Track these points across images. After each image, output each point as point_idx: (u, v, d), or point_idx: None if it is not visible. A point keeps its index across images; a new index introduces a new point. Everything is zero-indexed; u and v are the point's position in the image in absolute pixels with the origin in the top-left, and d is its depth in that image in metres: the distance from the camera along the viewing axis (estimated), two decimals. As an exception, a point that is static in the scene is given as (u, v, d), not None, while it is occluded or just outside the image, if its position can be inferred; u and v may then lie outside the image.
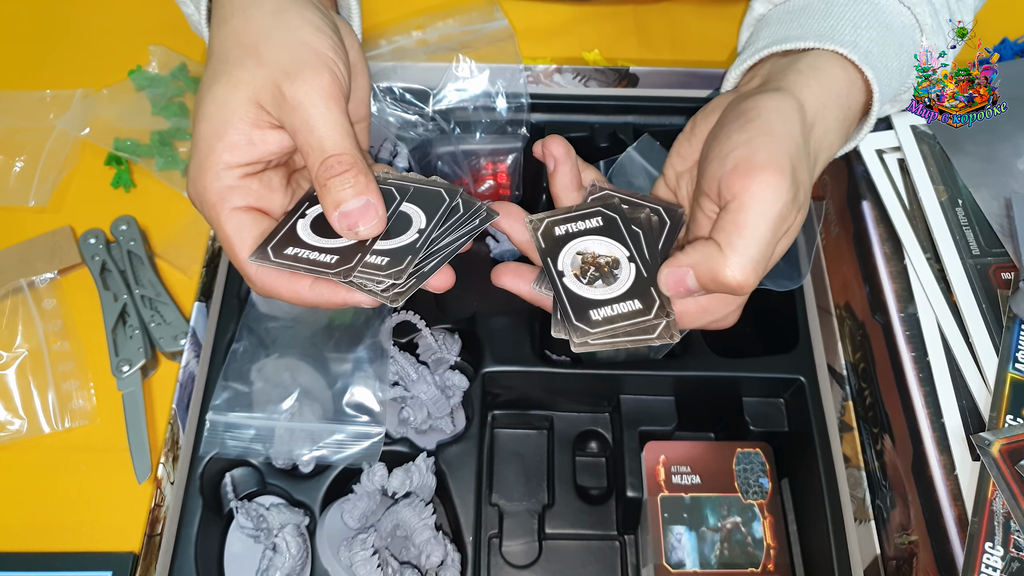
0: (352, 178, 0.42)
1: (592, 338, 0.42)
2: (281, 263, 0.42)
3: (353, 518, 0.55)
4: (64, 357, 0.63)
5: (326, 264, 0.42)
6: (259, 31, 0.45)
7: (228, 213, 0.44)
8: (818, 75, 0.47)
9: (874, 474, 0.56)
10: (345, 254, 0.43)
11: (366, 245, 0.43)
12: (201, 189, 0.44)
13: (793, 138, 0.43)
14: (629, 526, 0.60)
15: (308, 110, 0.43)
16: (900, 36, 0.50)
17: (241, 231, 0.44)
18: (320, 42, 0.45)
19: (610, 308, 0.43)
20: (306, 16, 0.46)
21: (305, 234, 0.44)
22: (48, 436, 0.60)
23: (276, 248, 0.43)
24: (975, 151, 0.59)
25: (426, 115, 0.66)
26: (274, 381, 0.57)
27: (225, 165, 0.44)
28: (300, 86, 0.43)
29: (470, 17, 0.73)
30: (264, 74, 0.43)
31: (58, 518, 0.57)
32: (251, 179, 0.45)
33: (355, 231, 0.43)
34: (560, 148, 0.49)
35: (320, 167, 0.43)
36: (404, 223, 0.45)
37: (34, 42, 0.79)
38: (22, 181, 0.70)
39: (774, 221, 0.41)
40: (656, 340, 0.43)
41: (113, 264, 0.65)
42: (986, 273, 0.54)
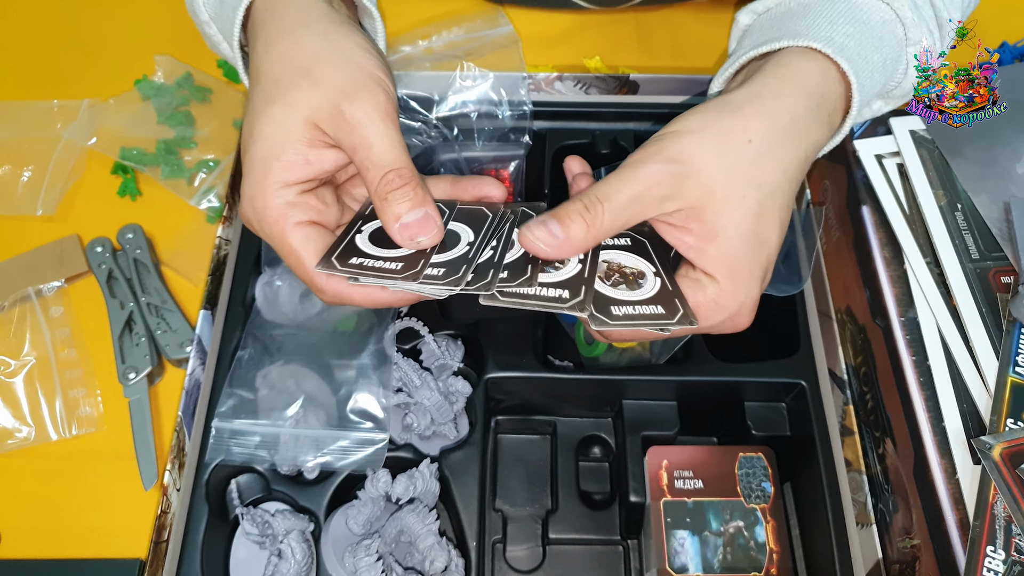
0: (412, 191, 0.44)
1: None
2: (347, 271, 0.44)
3: (357, 524, 0.56)
4: (71, 364, 0.63)
5: (391, 271, 0.44)
6: (311, 53, 0.47)
7: (292, 228, 0.45)
8: (780, 71, 0.48)
9: (876, 478, 0.56)
10: (408, 261, 0.45)
11: (427, 252, 0.45)
12: (260, 207, 0.46)
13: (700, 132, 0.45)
14: (632, 531, 0.60)
15: (367, 127, 0.44)
16: (879, 31, 0.50)
17: (307, 243, 0.46)
18: (371, 63, 0.47)
19: (632, 308, 0.44)
20: (354, 39, 0.48)
21: (365, 246, 0.46)
22: (55, 443, 0.61)
23: (341, 258, 0.45)
24: (974, 155, 0.59)
25: (429, 122, 0.66)
26: (279, 388, 0.57)
27: (283, 183, 0.45)
28: (360, 105, 0.44)
29: (476, 24, 0.74)
30: (321, 94, 0.45)
31: (65, 525, 0.58)
32: (309, 195, 0.47)
33: (415, 241, 0.44)
34: (577, 165, 0.52)
35: (380, 182, 0.44)
36: (453, 239, 0.47)
37: (41, 53, 0.80)
38: (30, 190, 0.71)
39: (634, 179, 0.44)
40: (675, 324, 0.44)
41: (119, 272, 0.66)
42: (986, 277, 0.54)
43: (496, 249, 0.46)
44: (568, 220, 0.43)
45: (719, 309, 0.46)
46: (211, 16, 0.55)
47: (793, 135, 0.47)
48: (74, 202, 0.71)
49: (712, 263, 0.45)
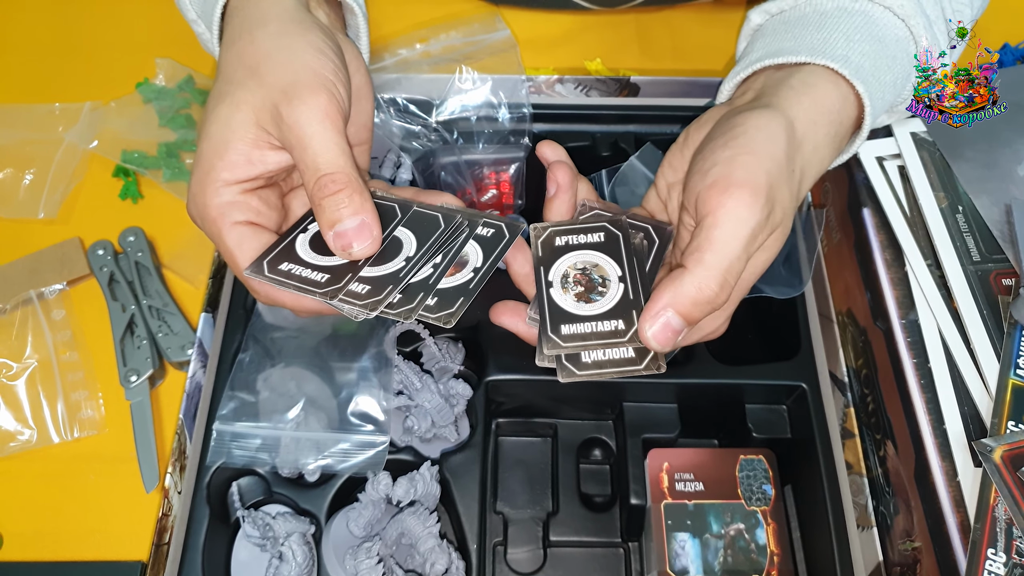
0: (346, 197, 0.43)
1: (564, 351, 0.42)
2: (273, 278, 0.43)
3: (358, 526, 0.56)
4: (73, 367, 0.64)
5: (315, 283, 0.43)
6: (262, 52, 0.46)
7: (229, 227, 0.45)
8: (810, 91, 0.47)
9: (877, 480, 0.56)
10: (336, 273, 0.43)
11: (358, 265, 0.44)
12: (201, 205, 0.45)
13: (775, 158, 0.43)
14: (633, 533, 0.60)
15: (304, 129, 0.43)
16: (893, 49, 0.50)
17: (242, 243, 0.45)
18: (320, 64, 0.46)
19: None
20: (308, 38, 0.47)
21: (303, 250, 0.45)
22: (57, 446, 0.61)
23: (272, 263, 0.44)
24: (975, 157, 0.59)
25: (429, 126, 0.66)
26: (280, 391, 0.58)
27: (224, 182, 0.45)
28: (297, 106, 0.43)
29: (472, 28, 0.74)
30: (264, 94, 0.44)
31: (67, 527, 0.58)
32: (250, 195, 0.46)
33: (349, 251, 0.43)
34: (566, 177, 0.49)
35: (314, 185, 0.43)
36: (394, 248, 0.45)
37: (43, 56, 0.80)
38: (31, 193, 0.71)
39: (745, 238, 0.41)
40: (643, 370, 0.43)
41: (121, 275, 0.66)
42: (987, 279, 0.54)
43: (437, 267, 0.44)
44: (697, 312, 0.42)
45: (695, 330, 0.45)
46: (198, 14, 0.55)
47: (811, 164, 0.47)
48: (76, 205, 0.72)
49: None
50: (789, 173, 0.44)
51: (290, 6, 0.49)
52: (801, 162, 0.45)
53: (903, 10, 0.50)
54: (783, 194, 0.43)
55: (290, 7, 0.49)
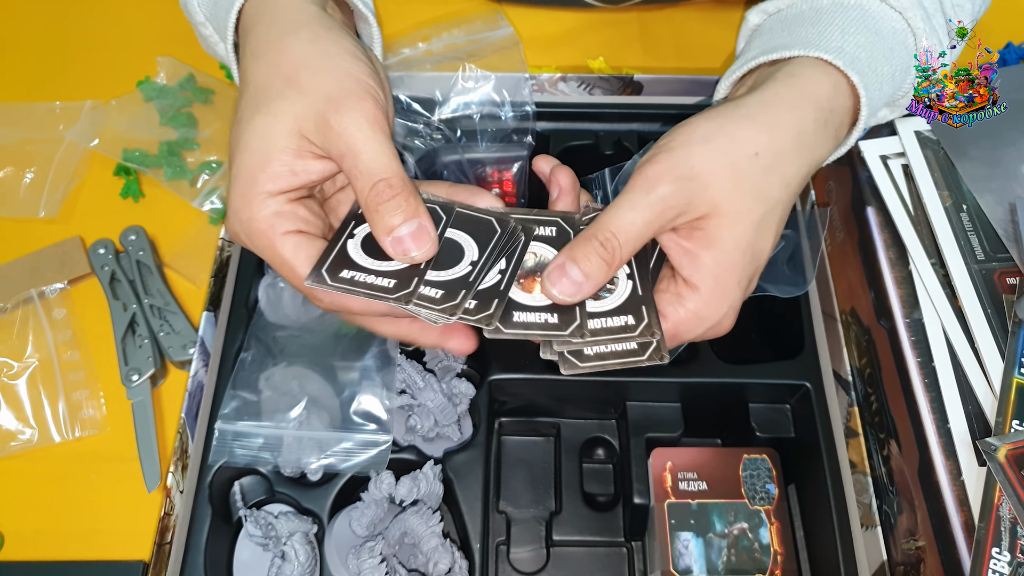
0: (404, 202, 0.43)
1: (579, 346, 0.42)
2: (338, 287, 0.42)
3: (361, 526, 0.56)
4: (74, 367, 0.63)
5: (384, 288, 0.42)
6: (298, 60, 0.46)
7: (281, 237, 0.44)
8: (792, 81, 0.47)
9: (880, 480, 0.56)
10: (402, 278, 0.43)
11: (421, 268, 0.43)
12: (247, 219, 0.45)
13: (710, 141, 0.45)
14: (636, 533, 0.60)
15: (354, 135, 0.43)
16: (891, 41, 0.50)
17: (298, 252, 0.44)
18: (360, 70, 0.45)
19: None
20: (343, 44, 0.47)
21: (357, 255, 0.44)
22: (58, 445, 0.61)
23: (331, 270, 0.43)
24: (979, 156, 0.59)
25: (432, 124, 0.66)
26: (282, 390, 0.57)
27: (268, 193, 0.44)
28: (345, 113, 0.43)
29: (475, 26, 0.74)
30: (307, 103, 0.44)
31: (68, 527, 0.58)
32: (296, 204, 0.46)
33: (408, 255, 0.43)
34: (567, 179, 0.49)
35: (370, 192, 0.43)
36: (455, 251, 0.45)
37: (43, 54, 0.80)
38: (32, 192, 0.71)
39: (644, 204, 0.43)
40: (645, 362, 0.43)
41: (122, 274, 0.66)
42: (991, 278, 0.54)
43: (505, 273, 0.44)
44: (586, 261, 0.43)
45: (700, 321, 0.45)
46: (207, 16, 0.54)
47: (799, 150, 0.46)
48: (76, 204, 0.71)
49: (701, 273, 0.44)
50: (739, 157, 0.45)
51: (316, 12, 0.49)
52: (775, 148, 0.45)
53: (900, 3, 0.50)
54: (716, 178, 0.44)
55: (316, 12, 0.49)
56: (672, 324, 0.45)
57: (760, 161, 0.45)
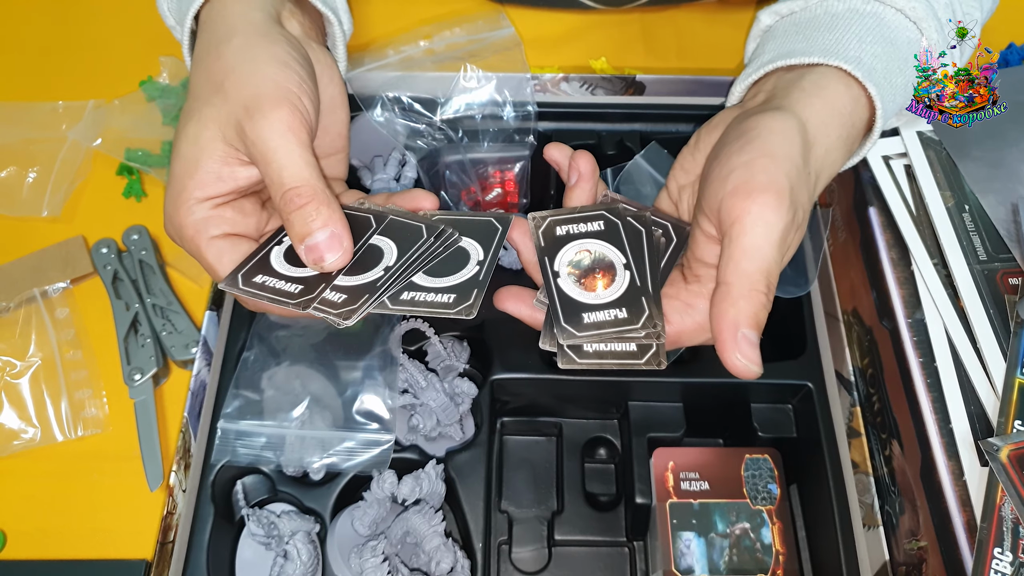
0: (314, 211, 0.43)
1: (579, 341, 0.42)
2: (248, 291, 0.44)
3: (363, 525, 0.56)
4: (77, 366, 0.63)
5: (289, 294, 0.43)
6: (227, 67, 0.46)
7: (207, 243, 0.45)
8: (821, 93, 0.47)
9: (883, 480, 0.56)
10: (308, 284, 0.44)
11: (331, 275, 0.44)
12: (178, 224, 0.45)
13: (793, 160, 0.43)
14: (638, 532, 0.60)
15: (267, 143, 0.43)
16: (905, 51, 0.50)
17: (221, 257, 0.45)
18: (283, 76, 0.45)
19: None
20: (273, 51, 0.47)
21: (277, 262, 0.45)
22: (61, 444, 0.61)
23: (246, 276, 0.45)
24: (982, 156, 0.59)
25: (434, 124, 0.66)
26: (284, 389, 0.57)
27: (196, 200, 0.45)
28: (258, 120, 0.43)
29: (477, 26, 0.74)
30: (228, 110, 0.44)
31: (71, 526, 0.58)
32: (224, 208, 0.46)
33: (322, 264, 0.43)
34: (587, 165, 0.49)
35: (281, 200, 0.43)
36: (374, 256, 0.45)
37: (46, 54, 0.80)
38: (35, 191, 0.71)
39: (777, 242, 0.41)
40: (643, 366, 0.43)
41: (125, 273, 0.66)
42: (993, 278, 0.54)
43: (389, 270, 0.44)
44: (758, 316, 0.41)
45: (704, 332, 0.45)
46: (177, 21, 0.54)
47: (824, 167, 0.46)
48: (79, 203, 0.71)
49: None
50: (806, 175, 0.44)
51: (257, 19, 0.49)
52: (815, 164, 0.45)
53: (915, 12, 0.50)
54: (802, 196, 0.43)
55: (257, 20, 0.48)
56: (676, 331, 0.45)
57: (812, 175, 0.45)
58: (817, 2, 0.52)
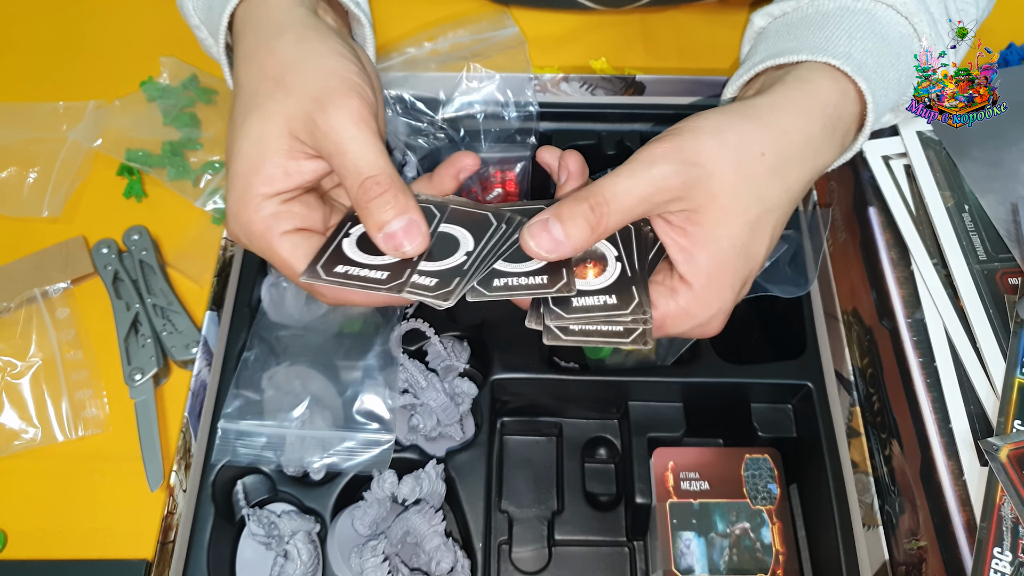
0: (392, 198, 0.43)
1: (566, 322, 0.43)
2: (332, 281, 0.43)
3: (364, 525, 0.56)
4: (77, 366, 0.63)
5: (377, 280, 0.43)
6: (285, 62, 0.46)
7: (279, 238, 0.45)
8: (804, 86, 0.47)
9: (882, 479, 0.56)
10: (394, 270, 0.44)
11: (414, 261, 0.44)
12: (245, 222, 0.45)
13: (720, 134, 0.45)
14: (638, 532, 0.60)
15: (340, 134, 0.43)
16: (897, 47, 0.50)
17: (296, 251, 0.45)
18: (345, 68, 0.46)
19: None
20: (329, 44, 0.47)
21: (352, 251, 0.45)
22: (62, 444, 0.61)
23: (326, 267, 0.44)
24: (982, 156, 0.59)
25: (436, 124, 0.66)
26: (285, 389, 0.57)
27: (263, 196, 0.45)
28: (331, 112, 0.43)
29: (481, 26, 0.74)
30: (294, 103, 0.44)
31: (71, 526, 0.58)
32: (292, 203, 0.46)
33: (401, 250, 0.43)
34: (576, 164, 0.49)
35: (359, 189, 0.43)
36: (450, 244, 0.45)
37: (47, 54, 0.80)
38: (36, 192, 0.71)
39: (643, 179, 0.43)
40: (628, 344, 0.43)
41: (125, 273, 0.66)
42: (993, 278, 0.54)
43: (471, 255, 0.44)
44: (571, 222, 0.42)
45: (688, 318, 0.45)
46: (202, 20, 0.54)
47: (804, 156, 0.46)
48: (80, 204, 0.71)
49: (695, 270, 0.45)
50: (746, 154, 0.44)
51: (303, 14, 0.49)
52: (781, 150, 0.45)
53: (906, 7, 0.50)
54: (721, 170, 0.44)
55: (303, 15, 0.49)
56: (661, 315, 0.45)
57: (766, 162, 0.45)
58: (808, 2, 0.52)
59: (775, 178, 0.45)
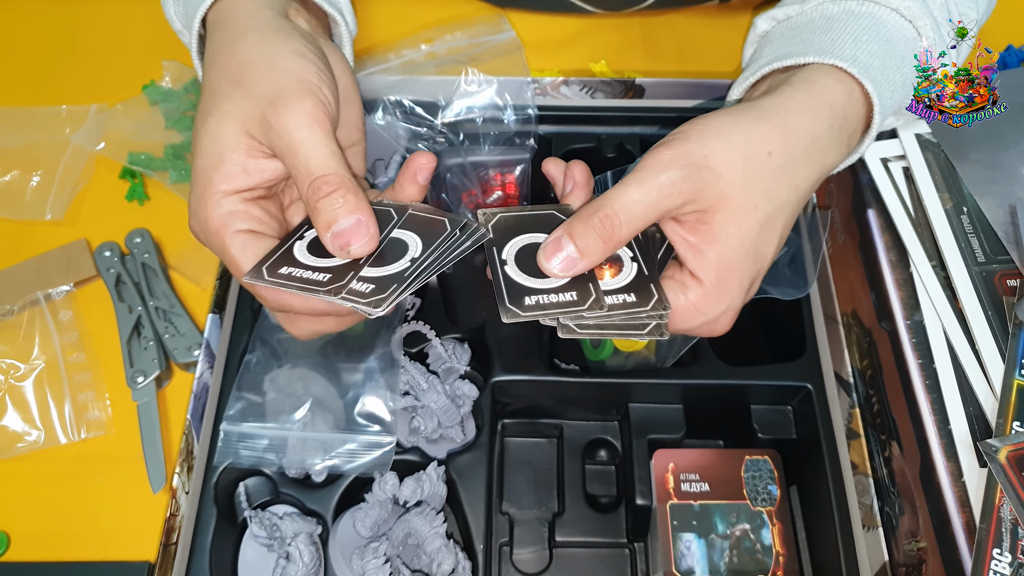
0: (341, 197, 0.43)
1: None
2: (274, 282, 0.43)
3: (365, 527, 0.56)
4: (80, 368, 0.64)
5: (317, 282, 0.43)
6: (244, 63, 0.46)
7: (232, 235, 0.45)
8: (809, 87, 0.48)
9: (882, 481, 0.56)
10: (337, 272, 0.44)
11: (359, 264, 0.44)
12: (203, 218, 0.45)
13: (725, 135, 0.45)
14: (639, 534, 0.60)
15: (293, 135, 0.43)
16: (902, 49, 0.50)
17: (245, 251, 0.45)
18: (302, 68, 0.46)
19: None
20: (290, 45, 0.47)
21: (301, 254, 0.45)
22: (64, 446, 0.61)
23: (271, 268, 0.44)
24: (980, 159, 0.59)
25: (435, 128, 0.67)
26: (287, 391, 0.58)
27: (223, 193, 0.45)
28: (283, 112, 0.44)
29: (478, 30, 0.74)
30: (250, 104, 0.45)
31: (74, 528, 0.58)
32: (251, 204, 0.46)
33: (347, 250, 0.43)
34: (582, 175, 0.49)
35: (308, 189, 0.43)
36: (399, 249, 0.45)
37: (50, 58, 0.80)
38: (39, 195, 0.71)
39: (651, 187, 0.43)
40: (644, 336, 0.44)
41: (128, 276, 0.66)
42: (992, 280, 0.55)
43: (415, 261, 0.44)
44: (584, 238, 0.43)
45: (698, 314, 0.46)
46: (183, 24, 0.55)
47: (811, 155, 0.47)
48: (82, 207, 0.72)
49: (705, 267, 0.45)
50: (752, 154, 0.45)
51: (268, 16, 0.49)
52: (788, 149, 0.46)
53: (910, 11, 0.50)
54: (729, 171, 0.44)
55: (268, 17, 0.49)
56: (671, 311, 0.45)
57: (772, 161, 0.45)
58: (813, 6, 0.52)
59: (783, 177, 0.46)
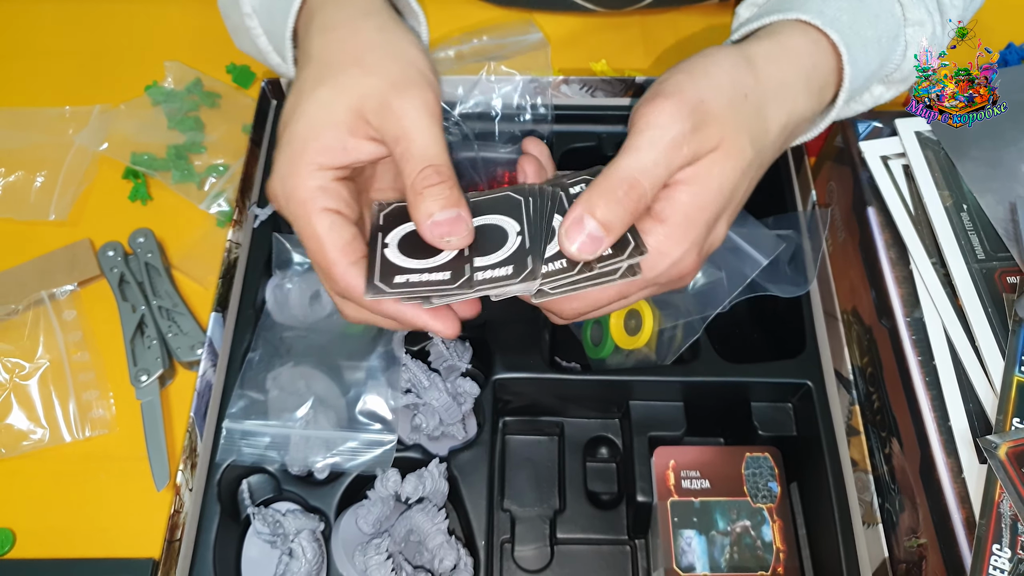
0: (448, 189, 0.43)
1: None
2: (398, 292, 0.43)
3: (367, 523, 0.56)
4: (84, 367, 0.64)
5: (442, 282, 0.43)
6: (367, 43, 0.47)
7: (319, 212, 0.44)
8: (772, 36, 0.49)
9: (882, 477, 0.57)
10: (452, 268, 0.43)
11: (465, 255, 0.44)
12: (292, 186, 0.45)
13: (710, 76, 0.45)
14: (639, 530, 0.60)
15: (412, 121, 0.44)
16: (876, 8, 0.51)
17: (332, 232, 0.44)
18: (423, 61, 0.47)
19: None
20: (410, 36, 0.48)
21: (399, 260, 0.45)
22: (69, 445, 0.61)
23: (384, 280, 0.43)
24: (980, 156, 0.59)
25: (450, 120, 0.67)
26: (289, 389, 0.58)
27: (318, 165, 0.45)
28: (407, 99, 0.44)
29: (505, 31, 0.75)
30: (372, 83, 0.45)
31: (79, 525, 0.59)
32: (341, 184, 0.46)
33: (444, 239, 0.43)
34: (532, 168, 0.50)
35: (418, 176, 0.43)
36: (494, 233, 0.45)
37: (53, 59, 0.81)
38: (42, 195, 0.71)
39: (661, 143, 0.43)
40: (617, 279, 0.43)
41: (131, 276, 0.67)
42: (991, 277, 0.55)
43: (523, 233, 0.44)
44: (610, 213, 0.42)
45: (662, 256, 0.44)
46: (254, 8, 0.55)
47: (780, 99, 0.47)
48: (86, 207, 0.72)
49: (672, 207, 0.44)
50: (735, 96, 0.45)
51: (382, 4, 0.50)
52: (759, 92, 0.46)
53: None
54: (723, 114, 0.44)
55: (383, 5, 0.50)
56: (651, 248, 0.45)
57: (749, 103, 0.45)
58: None
59: (759, 120, 0.46)
